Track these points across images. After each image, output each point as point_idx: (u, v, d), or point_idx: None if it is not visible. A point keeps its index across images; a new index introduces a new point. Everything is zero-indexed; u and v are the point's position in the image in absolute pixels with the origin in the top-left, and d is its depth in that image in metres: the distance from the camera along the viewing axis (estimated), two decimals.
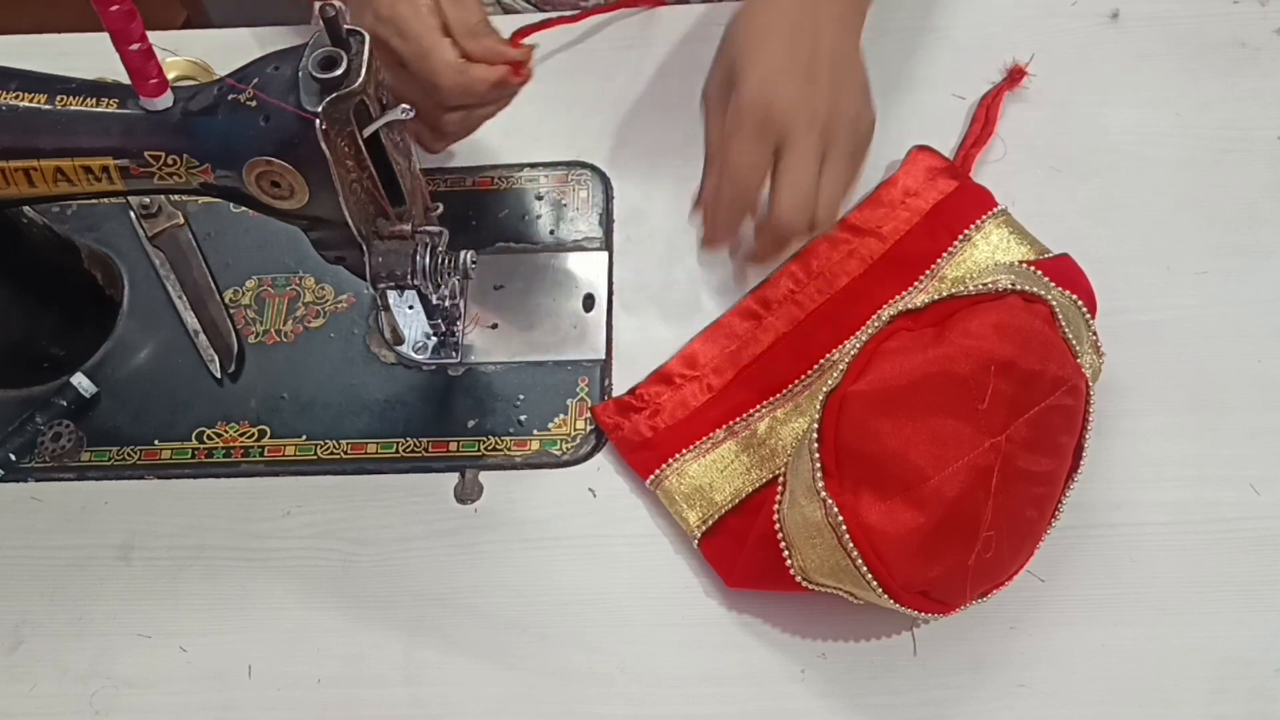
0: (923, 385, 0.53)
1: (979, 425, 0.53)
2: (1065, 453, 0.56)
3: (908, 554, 0.53)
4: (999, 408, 0.53)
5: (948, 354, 0.54)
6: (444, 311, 0.67)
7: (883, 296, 0.66)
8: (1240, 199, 0.70)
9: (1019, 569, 0.57)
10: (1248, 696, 0.57)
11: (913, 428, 0.53)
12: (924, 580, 0.54)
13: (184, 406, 0.67)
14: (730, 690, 0.58)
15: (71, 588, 0.63)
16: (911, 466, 0.52)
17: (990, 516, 0.53)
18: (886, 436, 0.53)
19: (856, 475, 0.53)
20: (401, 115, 0.53)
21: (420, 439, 0.65)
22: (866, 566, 0.53)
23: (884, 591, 0.53)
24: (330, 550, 0.63)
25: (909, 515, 0.52)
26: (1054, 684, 0.58)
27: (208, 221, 0.73)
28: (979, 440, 0.53)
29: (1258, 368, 0.65)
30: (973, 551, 0.53)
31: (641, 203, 0.72)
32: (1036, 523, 0.56)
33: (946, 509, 0.52)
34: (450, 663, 0.60)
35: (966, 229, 0.67)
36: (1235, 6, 0.77)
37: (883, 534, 0.52)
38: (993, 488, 0.53)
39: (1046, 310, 0.56)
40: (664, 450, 0.63)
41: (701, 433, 0.63)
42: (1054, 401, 0.55)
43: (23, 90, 0.55)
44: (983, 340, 0.54)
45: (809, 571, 0.56)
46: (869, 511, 0.53)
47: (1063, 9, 0.77)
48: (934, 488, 0.52)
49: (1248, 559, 0.60)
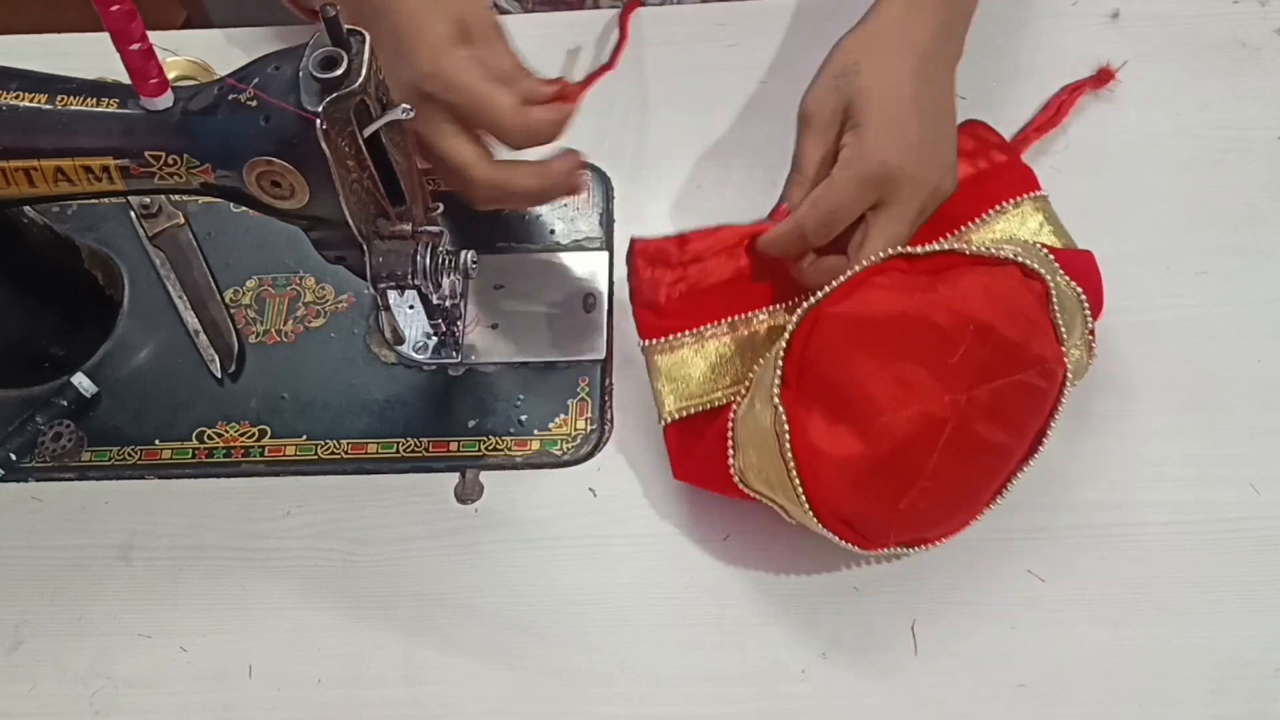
0: (899, 324, 0.55)
1: (944, 379, 0.54)
2: (1026, 432, 0.57)
3: (842, 478, 0.54)
4: (968, 367, 0.54)
5: (931, 302, 0.55)
6: (444, 311, 0.67)
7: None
8: (1240, 199, 0.70)
9: (950, 533, 0.58)
10: (1248, 696, 0.57)
11: (878, 363, 0.54)
12: (850, 509, 0.55)
13: (184, 406, 0.67)
14: (730, 690, 0.58)
15: (72, 588, 0.63)
16: (868, 398, 0.54)
17: (932, 468, 0.54)
18: (852, 364, 0.54)
19: (813, 392, 0.55)
20: (402, 115, 0.53)
21: (420, 439, 0.65)
22: (800, 480, 0.54)
23: (810, 508, 0.55)
24: (330, 550, 0.63)
25: (853, 443, 0.54)
26: (1054, 684, 0.58)
27: (208, 221, 0.73)
28: (940, 393, 0.54)
29: (1258, 368, 0.65)
30: (905, 496, 0.55)
31: (641, 203, 0.72)
32: (979, 491, 0.58)
33: (891, 448, 0.54)
34: (450, 663, 0.60)
35: (1003, 202, 0.66)
36: (1235, 6, 0.77)
37: (823, 453, 0.54)
38: (941, 442, 0.54)
39: (1043, 290, 0.57)
40: (669, 323, 0.62)
41: (707, 318, 0.63)
42: (1026, 378, 0.55)
43: (23, 90, 0.55)
44: (970, 299, 0.55)
45: (747, 475, 0.57)
46: (816, 429, 0.54)
47: (1063, 9, 0.77)
48: (884, 424, 0.54)
49: (1248, 559, 0.60)
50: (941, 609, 0.59)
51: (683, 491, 0.63)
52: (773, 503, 0.58)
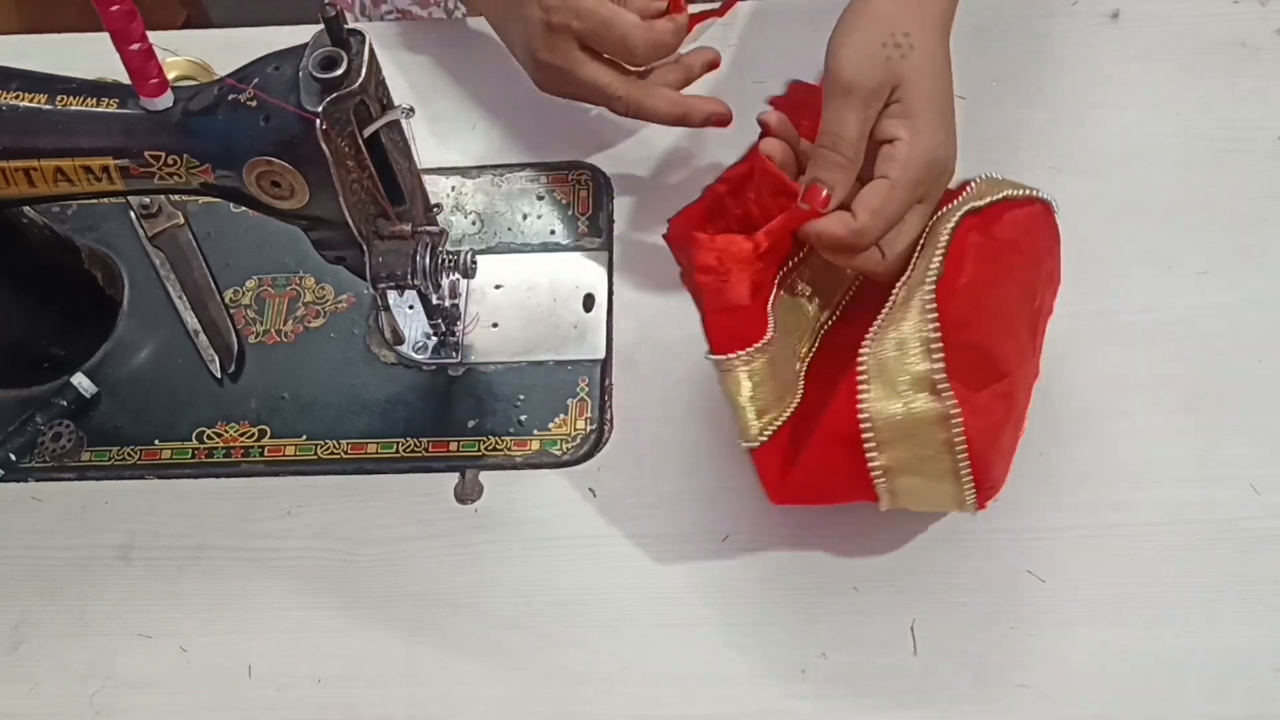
0: (1004, 282, 0.55)
1: (1030, 325, 0.56)
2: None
3: (996, 448, 0.54)
4: (1041, 312, 0.57)
5: (1018, 262, 0.56)
6: (444, 311, 0.67)
7: None
8: (1241, 199, 0.70)
9: None
10: (1248, 696, 0.57)
11: (1000, 322, 0.54)
12: (1001, 475, 0.55)
13: (184, 406, 0.67)
14: (730, 690, 0.58)
15: (72, 588, 0.63)
16: (998, 360, 0.53)
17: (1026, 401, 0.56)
18: (979, 330, 0.54)
19: (958, 368, 0.53)
20: (401, 115, 0.53)
21: (420, 439, 0.65)
22: (969, 464, 0.53)
23: (974, 491, 0.54)
24: (330, 550, 0.63)
25: (997, 408, 0.53)
26: (1054, 684, 0.58)
27: (208, 221, 0.73)
28: (1032, 340, 0.56)
29: (1258, 368, 0.65)
30: (1018, 443, 0.56)
31: (641, 203, 0.72)
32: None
33: (1020, 405, 0.55)
34: (450, 662, 0.60)
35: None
36: (1235, 6, 0.77)
37: (985, 430, 0.52)
38: (1032, 389, 0.56)
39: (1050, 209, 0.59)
40: (750, 328, 0.56)
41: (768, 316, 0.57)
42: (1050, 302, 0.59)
43: (23, 90, 0.56)
44: (1036, 240, 0.57)
45: (894, 471, 0.54)
46: (969, 406, 0.52)
47: (1063, 9, 0.77)
48: (1012, 383, 0.54)
49: (1248, 559, 0.60)
50: (941, 609, 0.59)
51: (682, 492, 0.63)
52: (906, 492, 0.55)
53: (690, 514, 0.63)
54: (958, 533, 0.61)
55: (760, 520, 0.62)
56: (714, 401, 0.65)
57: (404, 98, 0.55)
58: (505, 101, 0.76)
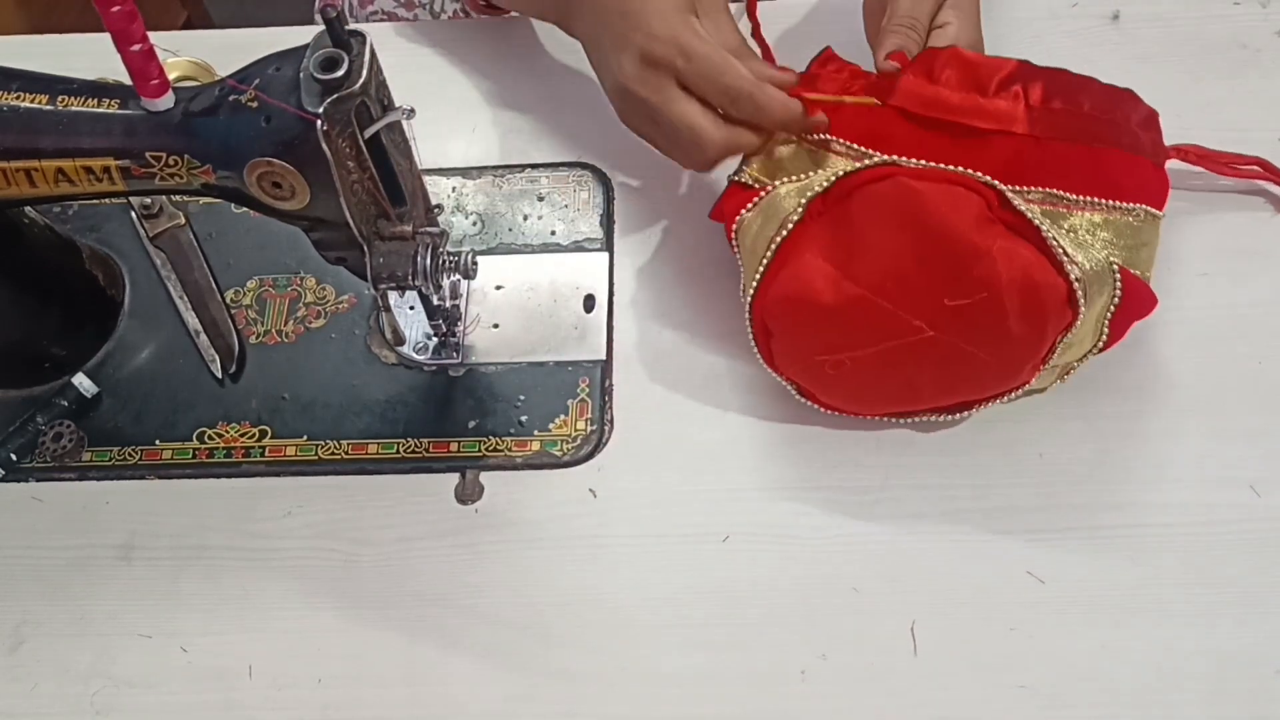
0: (943, 240, 0.56)
1: (933, 307, 0.57)
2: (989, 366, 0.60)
3: (793, 298, 0.58)
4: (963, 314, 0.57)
5: (983, 249, 0.56)
6: (445, 312, 0.67)
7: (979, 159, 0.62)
8: (1241, 201, 0.70)
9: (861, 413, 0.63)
10: (1248, 698, 0.57)
11: (897, 250, 0.56)
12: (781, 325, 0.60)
13: (185, 406, 0.67)
14: (730, 690, 0.58)
15: (72, 588, 0.63)
16: (865, 268, 0.56)
17: (867, 355, 0.59)
18: (881, 232, 0.57)
19: (836, 222, 0.58)
20: (402, 116, 0.53)
21: (421, 439, 0.65)
22: (765, 268, 0.59)
23: (753, 294, 0.59)
24: (331, 550, 0.63)
25: (824, 285, 0.57)
26: (1054, 684, 0.58)
27: (209, 222, 0.73)
28: (920, 311, 0.57)
29: (1258, 369, 0.65)
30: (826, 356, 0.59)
31: (641, 203, 0.72)
32: (913, 395, 0.62)
33: (846, 317, 0.57)
34: (451, 663, 0.60)
35: (1123, 201, 0.63)
36: (1236, 8, 0.77)
37: (800, 269, 0.57)
38: (891, 344, 0.58)
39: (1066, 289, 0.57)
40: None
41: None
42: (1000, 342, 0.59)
43: (24, 91, 0.56)
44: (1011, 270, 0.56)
45: (743, 229, 0.62)
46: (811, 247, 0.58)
47: (1063, 10, 0.77)
48: (857, 296, 0.57)
49: (1248, 560, 0.60)
50: (941, 609, 0.60)
51: (682, 492, 0.63)
52: (740, 268, 0.62)
53: (690, 514, 0.63)
54: (958, 533, 0.61)
55: (760, 520, 0.62)
56: (714, 401, 0.66)
57: (405, 98, 0.55)
58: (506, 102, 0.77)
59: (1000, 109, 0.62)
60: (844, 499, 0.62)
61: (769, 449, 0.64)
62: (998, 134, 0.62)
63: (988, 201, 0.56)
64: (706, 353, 0.67)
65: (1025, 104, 0.62)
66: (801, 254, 0.58)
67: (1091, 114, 0.63)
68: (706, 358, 0.67)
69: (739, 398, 0.65)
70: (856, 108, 0.63)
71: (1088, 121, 0.63)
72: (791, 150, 0.65)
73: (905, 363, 0.58)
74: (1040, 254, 0.56)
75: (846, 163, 0.61)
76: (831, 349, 0.59)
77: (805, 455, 0.63)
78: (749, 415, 0.65)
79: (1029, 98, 0.62)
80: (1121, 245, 0.62)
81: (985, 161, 0.60)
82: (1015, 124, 0.62)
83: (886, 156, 0.60)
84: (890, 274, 0.56)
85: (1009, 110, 0.62)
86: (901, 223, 0.56)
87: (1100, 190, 0.63)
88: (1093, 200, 0.62)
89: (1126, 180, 0.63)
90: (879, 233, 0.56)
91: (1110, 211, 0.62)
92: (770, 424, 0.64)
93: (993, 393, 0.61)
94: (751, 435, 0.65)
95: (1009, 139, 0.62)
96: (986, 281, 0.55)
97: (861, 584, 0.60)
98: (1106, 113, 0.63)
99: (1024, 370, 0.59)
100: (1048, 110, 0.62)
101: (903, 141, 0.62)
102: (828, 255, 0.57)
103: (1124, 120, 0.64)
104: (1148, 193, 0.64)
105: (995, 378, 0.59)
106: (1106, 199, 0.62)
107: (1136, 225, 0.63)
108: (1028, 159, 0.62)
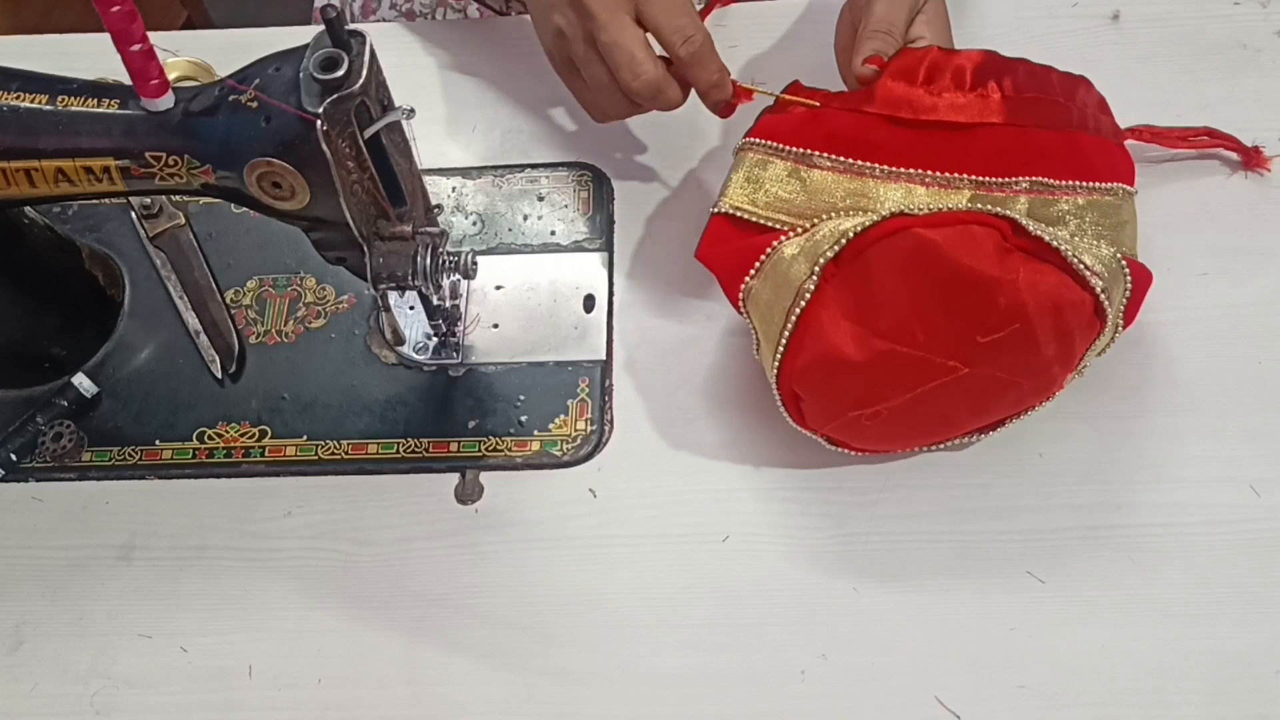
0: (964, 281, 0.55)
1: (961, 347, 0.57)
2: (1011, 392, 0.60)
3: (820, 365, 0.57)
4: (992, 352, 0.57)
5: (1003, 282, 0.55)
6: (445, 312, 0.67)
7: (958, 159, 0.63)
8: (1241, 201, 0.70)
9: (879, 451, 0.63)
10: (1248, 698, 0.57)
11: (919, 300, 0.56)
12: (811, 391, 0.59)
13: (185, 407, 0.67)
14: (730, 691, 0.58)
15: (72, 588, 0.63)
16: (889, 322, 0.56)
17: (899, 404, 0.58)
18: (900, 285, 0.56)
19: (853, 283, 0.57)
20: (402, 116, 0.53)
21: (421, 439, 0.65)
22: (787, 341, 0.58)
23: (778, 367, 0.59)
24: (331, 550, 0.63)
25: (851, 345, 0.56)
26: (1054, 685, 0.58)
27: (209, 222, 0.73)
28: (947, 357, 0.57)
29: (1258, 369, 0.65)
30: (860, 411, 0.58)
31: (641, 203, 0.72)
32: (933, 431, 0.62)
33: (877, 371, 0.56)
34: (451, 663, 0.60)
35: (1100, 181, 0.63)
36: (1236, 8, 0.77)
37: (823, 336, 0.57)
38: (919, 391, 0.58)
39: (1092, 303, 0.57)
40: (782, 135, 0.64)
41: (822, 147, 0.63)
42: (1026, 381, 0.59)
43: (24, 91, 0.56)
44: (1036, 298, 0.55)
45: (750, 300, 0.61)
46: (830, 312, 0.57)
47: (1063, 10, 0.78)
48: (885, 350, 0.56)
49: (1248, 560, 0.60)
50: (941, 609, 0.60)
51: (682, 492, 0.63)
52: (753, 332, 0.62)
53: (690, 514, 0.63)
54: (958, 533, 0.61)
55: (760, 520, 0.62)
56: (714, 401, 0.66)
57: (404, 99, 0.55)
58: (506, 102, 0.77)
59: (978, 102, 0.62)
60: (844, 499, 0.62)
61: (769, 449, 0.64)
62: (980, 127, 0.62)
63: (1002, 233, 0.56)
64: (706, 353, 0.67)
65: (1001, 94, 0.62)
66: (823, 320, 0.57)
67: (1059, 100, 0.64)
68: (706, 358, 0.67)
69: (739, 397, 0.65)
70: (839, 112, 0.63)
71: (1058, 108, 0.64)
72: (772, 166, 0.63)
73: (941, 400, 0.58)
74: (1063, 273, 0.56)
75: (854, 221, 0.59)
76: (867, 403, 0.58)
77: (805, 456, 0.63)
78: (749, 415, 0.65)
79: (1003, 88, 0.62)
80: (1107, 225, 0.62)
81: (973, 156, 0.61)
82: (993, 115, 0.62)
83: (892, 210, 0.58)
84: (917, 322, 0.56)
85: (986, 102, 0.62)
86: (921, 272, 0.55)
87: (1080, 174, 0.63)
88: (1075, 184, 0.63)
89: (1100, 161, 0.64)
90: (900, 286, 0.56)
91: (1092, 193, 0.63)
92: (770, 424, 0.64)
93: (1026, 407, 0.61)
94: (752, 435, 0.65)
95: (992, 131, 0.62)
96: (1016, 312, 0.55)
97: (861, 584, 0.60)
98: (1070, 98, 0.64)
99: (1058, 383, 0.59)
100: (1021, 99, 0.63)
101: (889, 147, 0.62)
102: (850, 315, 0.56)
103: (1084, 105, 0.65)
104: (1119, 171, 0.64)
105: (1030, 396, 0.59)
106: (1087, 181, 0.63)
107: (1116, 203, 0.63)
108: (1012, 149, 0.62)
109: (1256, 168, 0.71)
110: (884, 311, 0.56)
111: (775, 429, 0.64)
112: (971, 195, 0.60)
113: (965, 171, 0.61)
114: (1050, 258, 0.56)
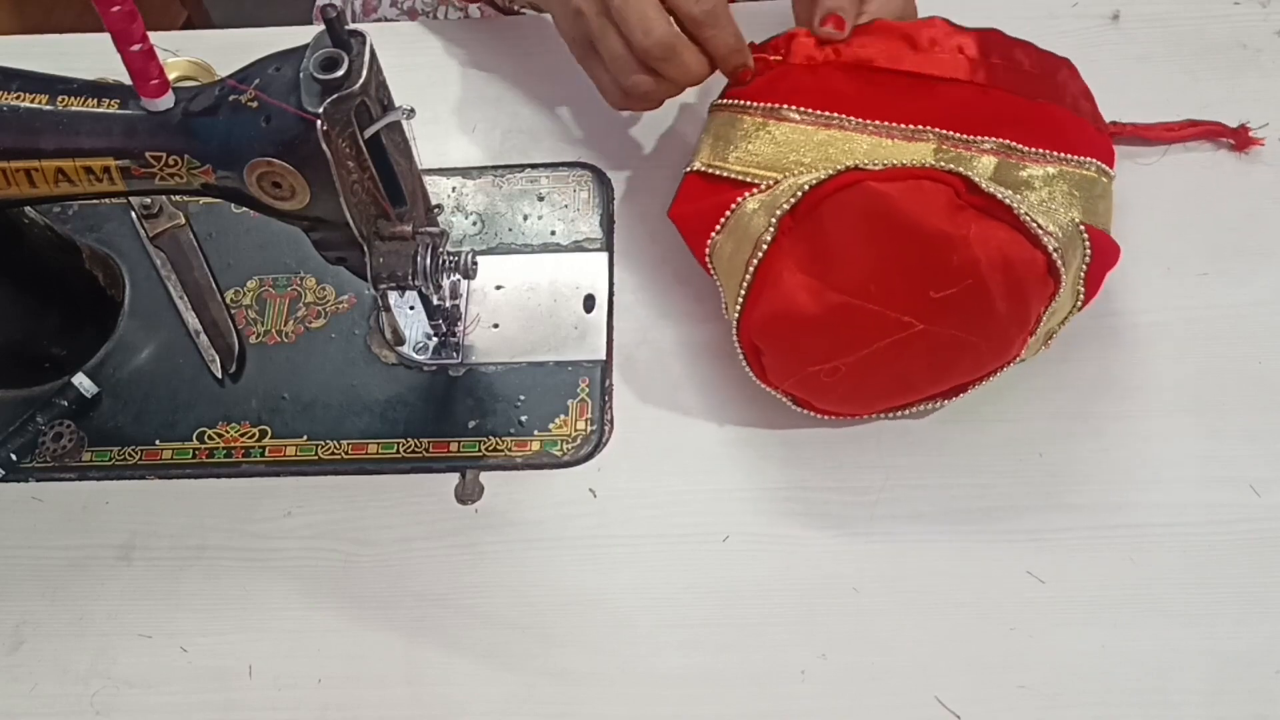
0: (916, 235, 0.56)
1: (915, 302, 0.57)
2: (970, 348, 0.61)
3: (779, 316, 0.58)
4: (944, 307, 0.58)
5: (956, 237, 0.56)
6: (445, 312, 0.67)
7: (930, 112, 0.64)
8: (1241, 200, 0.70)
9: (846, 415, 0.64)
10: (1248, 698, 0.57)
11: (875, 254, 0.56)
12: (770, 344, 0.60)
13: (185, 406, 0.67)
14: (730, 691, 0.58)
15: (72, 588, 0.63)
16: (845, 276, 0.57)
17: (857, 359, 0.58)
18: (856, 238, 0.57)
19: (809, 236, 0.58)
20: (402, 116, 0.53)
21: (421, 439, 0.65)
22: (746, 292, 0.59)
23: (739, 319, 0.60)
24: (331, 550, 0.63)
25: (807, 298, 0.57)
26: (1054, 685, 0.58)
27: (209, 222, 0.73)
28: (902, 310, 0.57)
29: (1258, 369, 0.65)
30: (819, 366, 0.59)
31: (641, 203, 0.72)
32: (897, 391, 0.62)
33: (834, 324, 0.57)
34: (451, 663, 0.60)
35: (1075, 154, 0.64)
36: (1236, 8, 0.77)
37: (780, 288, 0.58)
38: (877, 346, 0.58)
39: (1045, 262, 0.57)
40: (748, 92, 0.65)
41: (790, 99, 0.64)
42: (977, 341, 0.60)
43: (24, 91, 0.56)
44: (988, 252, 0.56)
45: (715, 254, 0.62)
46: (788, 264, 0.58)
47: (1063, 10, 0.78)
48: (841, 303, 0.57)
49: (1248, 560, 0.60)
50: (941, 609, 0.60)
51: (682, 492, 0.63)
52: (720, 290, 0.63)
53: (690, 514, 0.63)
54: (958, 533, 0.61)
55: (760, 520, 0.62)
56: (714, 401, 0.66)
57: (405, 98, 0.55)
58: (506, 102, 0.77)
59: (947, 59, 0.64)
60: (844, 499, 0.62)
61: (769, 448, 0.64)
62: (945, 81, 0.63)
63: (955, 189, 0.56)
64: (706, 353, 0.67)
65: (972, 56, 0.63)
66: (779, 272, 0.58)
67: (1031, 71, 0.64)
68: (706, 358, 0.67)
69: (739, 397, 0.65)
70: (805, 67, 0.65)
71: (1028, 78, 0.64)
72: (741, 124, 0.64)
73: (898, 358, 0.58)
74: (1015, 231, 0.56)
75: (811, 175, 0.60)
76: (824, 358, 0.59)
77: (805, 455, 0.63)
78: (749, 415, 0.65)
79: (965, 51, 0.63)
80: (1081, 198, 0.63)
81: (937, 109, 0.62)
82: (961, 72, 0.64)
83: (848, 164, 0.58)
84: (871, 276, 0.56)
85: (955, 59, 0.64)
86: (874, 226, 0.56)
87: (1051, 143, 0.64)
88: (1045, 153, 0.63)
89: (1074, 135, 0.64)
90: (853, 239, 0.57)
91: (1064, 164, 0.63)
92: (770, 424, 0.64)
93: (986, 371, 0.61)
94: (752, 435, 0.65)
95: (955, 86, 0.63)
96: (967, 268, 0.55)
97: (861, 584, 0.60)
98: (1046, 73, 0.65)
99: (1015, 345, 0.59)
100: (986, 63, 0.64)
101: (855, 99, 0.63)
102: (805, 268, 0.58)
103: (1064, 85, 0.65)
104: (1097, 150, 0.65)
105: (988, 357, 0.60)
106: (1058, 151, 0.63)
107: (1092, 178, 0.63)
108: (976, 107, 0.63)
109: (1247, 147, 0.71)
110: (838, 265, 0.57)
111: (775, 429, 0.64)
112: (935, 149, 0.61)
113: (930, 124, 0.62)
114: (1002, 215, 0.56)
